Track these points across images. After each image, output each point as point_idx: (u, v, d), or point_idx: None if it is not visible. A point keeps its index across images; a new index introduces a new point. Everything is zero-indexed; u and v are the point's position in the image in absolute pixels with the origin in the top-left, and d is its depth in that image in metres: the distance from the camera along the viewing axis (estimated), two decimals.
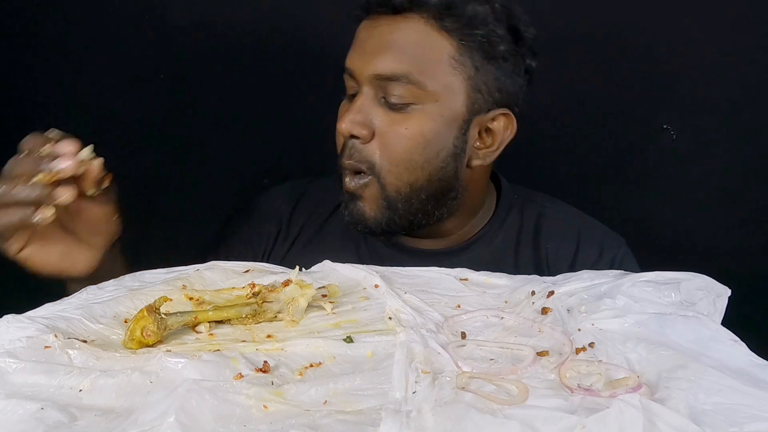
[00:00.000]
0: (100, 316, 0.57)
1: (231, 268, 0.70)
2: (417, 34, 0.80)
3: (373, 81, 0.80)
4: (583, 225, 0.93)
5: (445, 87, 0.80)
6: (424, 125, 0.80)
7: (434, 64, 0.80)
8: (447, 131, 0.81)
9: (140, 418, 0.42)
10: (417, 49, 0.80)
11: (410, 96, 0.79)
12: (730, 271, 0.80)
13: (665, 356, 0.50)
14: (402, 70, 0.79)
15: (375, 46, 0.80)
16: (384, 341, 0.54)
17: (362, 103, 0.81)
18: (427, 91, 0.79)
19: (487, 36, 0.80)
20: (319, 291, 0.63)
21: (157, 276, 0.67)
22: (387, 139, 0.80)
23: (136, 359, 0.50)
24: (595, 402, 0.45)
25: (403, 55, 0.79)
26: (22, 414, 0.43)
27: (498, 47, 0.81)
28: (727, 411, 0.43)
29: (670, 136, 1.22)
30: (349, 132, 0.81)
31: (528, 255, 0.91)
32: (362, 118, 0.80)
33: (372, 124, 0.80)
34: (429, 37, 0.80)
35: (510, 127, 0.86)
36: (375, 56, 0.80)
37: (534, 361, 0.51)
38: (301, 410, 0.44)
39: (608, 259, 0.90)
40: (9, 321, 0.53)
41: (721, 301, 0.61)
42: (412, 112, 0.80)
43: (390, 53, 0.79)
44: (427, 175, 0.82)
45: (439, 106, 0.80)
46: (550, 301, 0.61)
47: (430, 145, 0.81)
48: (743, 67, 1.18)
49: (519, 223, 0.93)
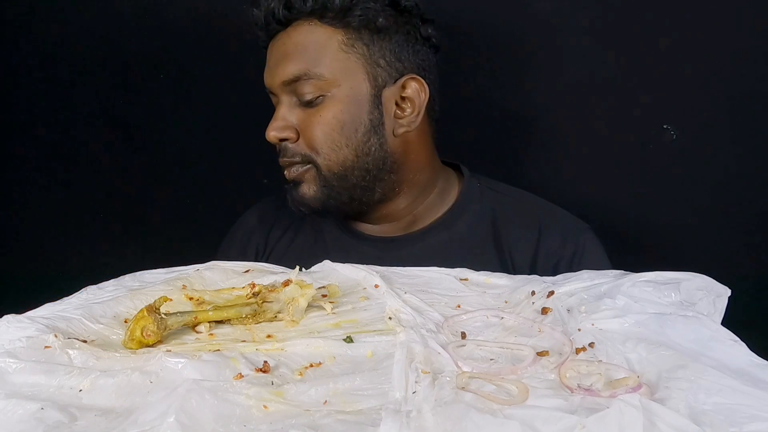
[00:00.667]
0: (100, 316, 0.57)
1: (231, 268, 0.70)
2: (306, 35, 0.88)
3: (284, 88, 0.88)
4: (545, 212, 0.95)
5: (343, 71, 0.87)
6: (335, 109, 0.87)
7: (325, 54, 0.87)
8: (358, 109, 0.88)
9: (140, 418, 0.42)
10: (308, 47, 0.87)
11: (316, 90, 0.86)
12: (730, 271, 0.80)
13: (665, 356, 0.50)
14: (299, 69, 0.86)
15: (276, 58, 0.89)
16: (384, 341, 0.54)
17: (281, 110, 0.89)
18: (328, 80, 0.86)
19: (365, 14, 0.87)
20: (319, 291, 0.63)
21: (157, 276, 0.67)
22: (308, 132, 0.88)
23: (136, 359, 0.50)
24: (595, 402, 0.45)
25: (297, 57, 0.87)
26: (22, 414, 0.43)
27: (378, 21, 0.87)
28: (727, 411, 0.43)
29: (670, 136, 1.22)
30: (277, 138, 0.89)
31: (489, 242, 0.92)
32: (284, 123, 0.88)
33: (294, 125, 0.89)
34: (315, 34, 0.87)
35: (423, 90, 0.91)
36: (277, 67, 0.88)
37: (534, 361, 0.51)
38: (301, 410, 0.44)
39: (572, 246, 0.91)
40: (9, 321, 0.53)
41: (721, 301, 0.61)
42: (323, 102, 0.87)
43: (287, 60, 0.87)
44: (354, 152, 0.88)
45: (343, 89, 0.87)
46: (550, 301, 0.61)
47: (346, 125, 0.88)
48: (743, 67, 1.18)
49: (480, 210, 0.95)
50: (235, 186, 1.30)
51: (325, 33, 0.87)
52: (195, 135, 1.32)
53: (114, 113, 1.32)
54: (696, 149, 1.22)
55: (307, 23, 0.88)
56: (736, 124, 1.21)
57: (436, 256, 0.90)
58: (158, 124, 1.32)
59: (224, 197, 1.30)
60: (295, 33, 0.88)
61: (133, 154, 1.34)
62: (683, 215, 1.25)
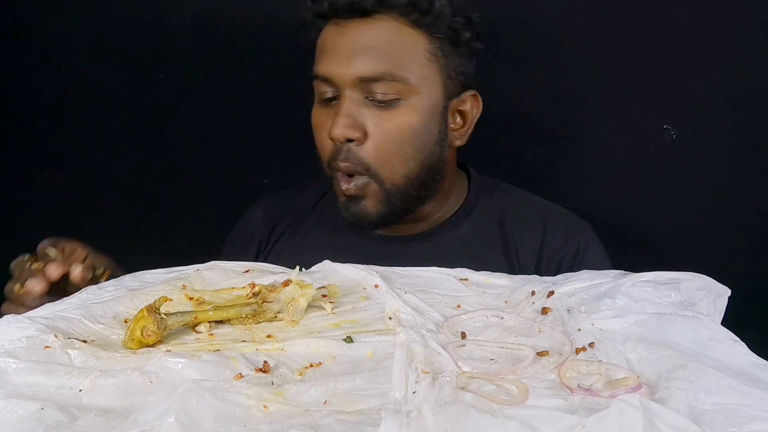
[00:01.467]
0: (100, 316, 0.57)
1: (231, 268, 0.70)
2: (391, 33, 0.82)
3: (357, 83, 0.82)
4: (549, 211, 0.96)
5: (424, 79, 0.84)
6: (412, 118, 0.83)
7: (412, 58, 0.83)
8: (431, 120, 0.85)
9: (140, 418, 0.42)
10: (394, 46, 0.82)
11: (394, 92, 0.82)
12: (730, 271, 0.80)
13: (665, 356, 0.50)
14: (384, 68, 0.81)
15: (353, 50, 0.82)
16: (384, 341, 0.54)
17: (348, 106, 0.83)
18: (410, 85, 0.83)
19: (452, 26, 0.85)
20: (319, 291, 0.63)
21: (157, 276, 0.67)
22: (380, 136, 0.83)
23: (136, 359, 0.50)
24: (595, 402, 0.45)
25: (382, 54, 0.82)
26: (22, 414, 0.43)
27: (462, 35, 0.86)
28: (727, 411, 0.43)
29: (670, 136, 1.22)
30: (344, 137, 0.83)
31: (495, 241, 0.93)
32: (352, 121, 0.82)
33: (363, 125, 0.83)
34: (403, 34, 0.83)
35: (477, 105, 0.91)
36: (355, 59, 0.82)
37: (534, 361, 0.51)
38: (301, 410, 0.44)
39: (574, 244, 0.92)
40: (9, 321, 0.53)
41: (721, 301, 0.61)
42: (398, 107, 0.83)
43: (369, 54, 0.82)
44: (419, 165, 0.86)
45: (422, 98, 0.84)
46: (550, 301, 0.61)
47: (418, 136, 0.84)
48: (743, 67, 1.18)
49: (487, 209, 0.95)
50: (235, 186, 1.30)
51: (412, 36, 0.83)
52: (195, 135, 1.32)
53: (114, 113, 1.32)
54: (696, 149, 1.22)
55: (393, 20, 0.82)
56: (736, 124, 1.21)
57: (443, 255, 0.90)
58: (158, 124, 1.32)
59: (224, 197, 1.30)
60: (378, 27, 0.82)
61: (133, 155, 1.34)
62: (683, 215, 1.25)
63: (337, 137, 0.83)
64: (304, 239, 0.97)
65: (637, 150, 1.24)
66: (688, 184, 1.24)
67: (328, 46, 0.85)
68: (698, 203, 1.24)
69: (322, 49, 0.86)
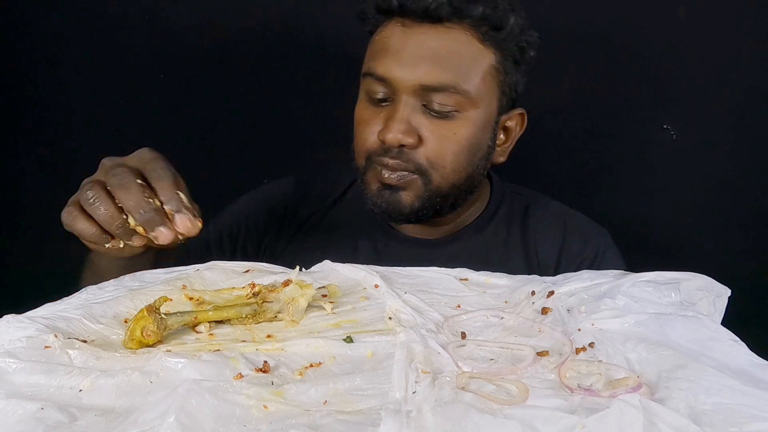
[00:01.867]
0: (100, 316, 0.57)
1: (231, 268, 0.70)
2: (461, 45, 0.81)
3: (417, 90, 0.80)
4: (569, 216, 0.98)
5: (484, 93, 0.83)
6: (468, 131, 0.83)
7: (475, 72, 0.82)
8: (484, 134, 0.85)
9: (140, 418, 0.42)
10: (461, 58, 0.81)
11: (454, 104, 0.81)
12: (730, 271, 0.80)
13: (665, 356, 0.50)
14: (449, 80, 0.80)
15: (418, 55, 0.80)
16: (384, 341, 0.54)
17: (404, 111, 0.81)
18: (471, 99, 0.82)
19: (519, 44, 0.84)
20: (319, 291, 0.63)
21: (157, 276, 0.67)
22: (436, 145, 0.82)
23: (136, 359, 0.50)
24: (595, 402, 0.45)
25: (449, 66, 0.80)
26: (22, 414, 0.43)
27: (527, 54, 0.86)
28: (727, 411, 0.43)
29: (670, 136, 1.22)
30: (398, 143, 0.81)
31: (517, 244, 0.94)
32: (408, 126, 0.81)
33: (417, 131, 0.81)
34: (471, 46, 0.81)
35: (521, 124, 0.91)
36: (419, 66, 0.80)
37: (534, 361, 0.51)
38: (301, 410, 0.44)
39: (593, 249, 0.93)
40: (9, 321, 0.53)
41: (721, 301, 0.61)
42: (456, 118, 0.82)
43: (436, 64, 0.80)
44: (467, 175, 0.86)
45: (480, 113, 0.83)
46: (550, 301, 0.61)
47: (473, 148, 0.84)
48: (743, 67, 1.18)
49: (508, 214, 0.96)
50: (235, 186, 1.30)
51: (479, 50, 0.82)
52: (195, 135, 1.32)
53: (114, 113, 1.32)
54: (696, 149, 1.22)
55: (463, 31, 0.81)
56: (736, 124, 1.21)
57: (469, 258, 0.91)
58: (158, 124, 1.32)
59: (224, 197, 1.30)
60: (448, 36, 0.81)
61: None
62: (683, 215, 1.25)
63: (391, 142, 0.81)
64: (329, 235, 0.95)
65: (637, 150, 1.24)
66: (688, 184, 1.24)
67: (392, 46, 0.82)
68: (698, 203, 1.24)
69: (383, 48, 0.83)
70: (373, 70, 0.83)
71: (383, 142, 0.82)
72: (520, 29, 0.84)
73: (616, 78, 1.21)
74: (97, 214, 0.62)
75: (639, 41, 1.19)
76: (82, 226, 0.64)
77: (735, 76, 1.18)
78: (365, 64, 0.85)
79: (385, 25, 0.84)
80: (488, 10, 0.80)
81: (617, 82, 1.22)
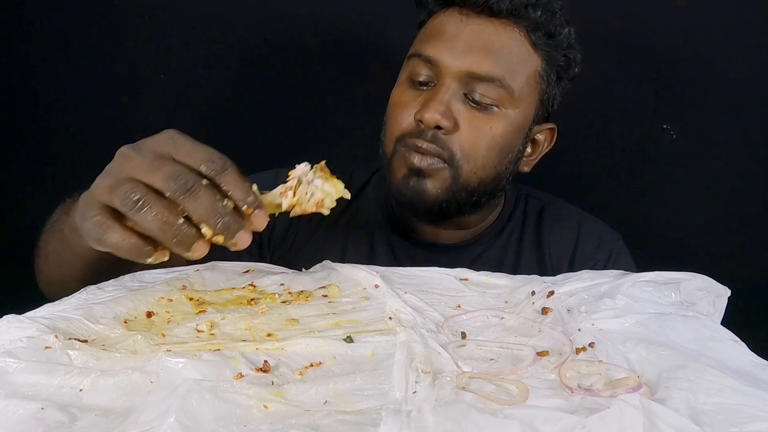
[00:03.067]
0: (100, 316, 0.57)
1: (231, 268, 0.70)
2: (514, 43, 0.82)
3: (462, 76, 0.81)
4: (582, 219, 0.98)
5: (527, 96, 0.84)
6: (505, 128, 0.83)
7: (522, 73, 0.83)
8: (518, 137, 0.85)
9: (140, 418, 0.42)
10: (513, 56, 0.82)
11: (495, 98, 0.81)
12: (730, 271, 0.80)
13: (665, 356, 0.50)
14: (497, 73, 0.80)
15: (471, 44, 0.81)
16: (384, 341, 0.54)
17: (445, 95, 0.81)
18: (513, 97, 0.82)
19: (566, 59, 0.85)
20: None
21: (157, 276, 0.67)
22: (471, 135, 0.82)
23: (136, 359, 0.50)
24: (595, 402, 0.45)
25: (500, 59, 0.81)
26: (23, 414, 0.43)
27: (571, 69, 0.86)
28: (727, 411, 0.43)
29: (670, 136, 1.22)
30: (436, 123, 0.80)
31: (531, 247, 0.95)
32: (447, 109, 0.80)
33: (455, 117, 0.81)
34: (524, 49, 0.83)
35: (551, 139, 0.91)
36: (471, 54, 0.80)
37: (534, 361, 0.51)
38: (301, 410, 0.44)
39: (605, 251, 0.94)
40: (9, 321, 0.53)
41: (721, 302, 0.61)
42: (494, 113, 0.82)
43: (489, 55, 0.80)
44: (494, 174, 0.85)
45: (518, 114, 0.83)
46: (550, 301, 0.61)
47: (505, 148, 0.84)
48: (744, 67, 1.18)
49: (522, 217, 0.97)
50: None
51: (529, 52, 0.83)
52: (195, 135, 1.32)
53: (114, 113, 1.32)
54: (696, 149, 1.22)
55: (517, 31, 0.82)
56: (736, 124, 1.21)
57: (489, 262, 0.91)
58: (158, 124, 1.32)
59: None
60: (504, 32, 0.82)
61: None
62: (683, 215, 1.25)
63: (428, 121, 0.80)
64: (347, 238, 0.94)
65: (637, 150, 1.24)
66: (688, 184, 1.24)
67: (446, 31, 0.83)
68: (698, 203, 1.24)
69: (437, 33, 0.84)
70: (421, 51, 0.83)
71: (420, 122, 0.81)
72: (569, 43, 0.85)
73: (616, 78, 1.21)
74: (147, 221, 0.50)
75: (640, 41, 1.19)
76: (117, 238, 0.52)
77: (735, 76, 1.18)
78: (413, 47, 0.86)
79: (441, 12, 0.86)
80: (546, 16, 0.82)
81: (618, 83, 1.22)
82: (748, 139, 1.21)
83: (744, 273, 1.23)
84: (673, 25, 1.18)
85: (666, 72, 1.20)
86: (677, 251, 1.26)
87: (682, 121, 1.21)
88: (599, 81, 1.20)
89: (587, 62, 0.90)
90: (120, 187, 0.51)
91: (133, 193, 0.51)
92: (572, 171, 1.25)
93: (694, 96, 1.20)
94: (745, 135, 1.21)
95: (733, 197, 1.24)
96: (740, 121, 1.20)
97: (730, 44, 1.17)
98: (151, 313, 0.58)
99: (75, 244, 0.63)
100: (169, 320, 0.58)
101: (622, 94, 1.22)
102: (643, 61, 1.20)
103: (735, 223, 1.25)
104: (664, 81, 1.20)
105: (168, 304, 0.60)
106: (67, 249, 0.65)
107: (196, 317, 0.58)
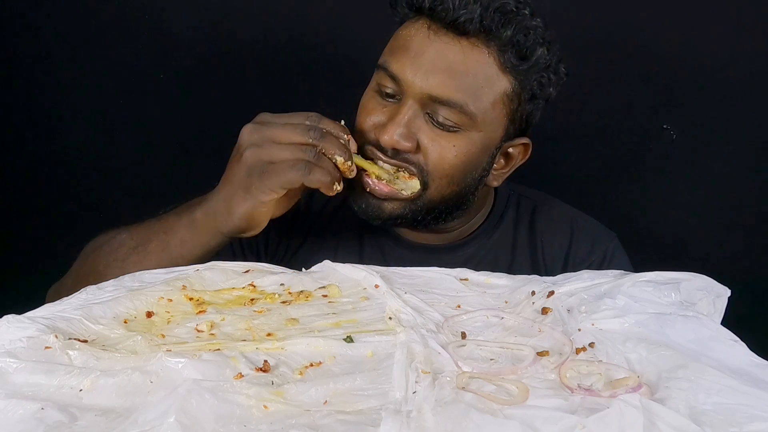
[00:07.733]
0: (100, 316, 0.57)
1: (231, 268, 0.70)
2: (480, 66, 0.79)
3: (425, 99, 0.79)
4: (576, 219, 0.96)
5: (491, 120, 0.81)
6: (468, 148, 0.81)
7: (487, 97, 0.80)
8: (483, 156, 0.84)
9: (140, 418, 0.42)
10: (477, 81, 0.79)
11: (456, 121, 0.79)
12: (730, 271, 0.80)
13: (665, 356, 0.50)
14: (459, 98, 0.78)
15: (435, 64, 0.78)
16: (384, 341, 0.54)
17: (406, 115, 0.79)
18: (475, 122, 0.80)
19: (539, 80, 0.82)
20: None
21: (157, 276, 0.67)
22: (435, 155, 0.80)
23: (136, 359, 0.50)
24: (595, 402, 0.45)
25: (462, 84, 0.78)
26: (23, 414, 0.43)
27: (546, 90, 0.83)
28: (727, 411, 0.43)
29: (670, 136, 1.22)
30: (393, 146, 0.80)
31: (524, 248, 0.94)
32: (407, 131, 0.79)
33: (416, 136, 0.80)
34: (491, 71, 0.79)
35: (524, 154, 0.89)
36: (434, 75, 0.78)
37: (534, 361, 0.51)
38: (301, 410, 0.44)
39: (600, 252, 0.93)
40: (9, 321, 0.53)
41: (720, 302, 0.61)
42: (457, 133, 0.80)
43: (451, 78, 0.78)
44: (458, 191, 0.84)
45: (482, 135, 0.82)
46: (550, 301, 0.61)
47: (468, 167, 0.83)
48: (743, 67, 1.18)
49: (515, 217, 0.96)
50: None
51: (497, 74, 0.80)
52: (195, 136, 1.32)
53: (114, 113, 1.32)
54: (696, 149, 1.22)
55: (486, 53, 0.79)
56: (736, 124, 1.21)
57: (479, 263, 0.90)
58: (158, 124, 1.32)
59: None
60: (470, 53, 0.78)
61: (133, 155, 1.34)
62: (683, 215, 1.25)
63: (387, 144, 0.79)
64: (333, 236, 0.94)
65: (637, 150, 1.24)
66: (688, 184, 1.24)
67: (411, 46, 0.80)
68: (698, 203, 1.24)
69: (404, 46, 0.81)
70: (387, 65, 0.82)
71: (380, 142, 0.81)
72: (545, 64, 0.82)
73: (616, 78, 1.21)
74: (337, 161, 0.74)
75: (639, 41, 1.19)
76: (319, 175, 0.73)
77: (735, 76, 1.18)
78: (383, 55, 0.84)
79: (412, 21, 0.83)
80: (517, 36, 0.79)
81: (618, 83, 1.22)
82: (748, 139, 1.21)
83: (744, 273, 1.23)
84: (673, 25, 1.18)
85: (666, 72, 1.20)
86: (677, 251, 1.26)
87: (682, 121, 1.21)
88: (599, 81, 1.20)
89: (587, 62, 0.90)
90: (305, 143, 0.74)
91: (318, 141, 0.74)
92: (572, 171, 1.25)
93: (694, 96, 1.20)
94: (745, 135, 1.21)
95: (732, 197, 1.24)
96: (740, 121, 1.20)
97: (730, 44, 1.17)
98: (151, 313, 0.58)
99: (204, 234, 0.79)
100: (169, 320, 0.58)
101: (622, 94, 1.22)
102: (643, 61, 1.20)
103: (734, 223, 1.25)
104: (663, 81, 1.20)
105: (168, 304, 0.60)
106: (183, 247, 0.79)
107: (196, 317, 0.58)
